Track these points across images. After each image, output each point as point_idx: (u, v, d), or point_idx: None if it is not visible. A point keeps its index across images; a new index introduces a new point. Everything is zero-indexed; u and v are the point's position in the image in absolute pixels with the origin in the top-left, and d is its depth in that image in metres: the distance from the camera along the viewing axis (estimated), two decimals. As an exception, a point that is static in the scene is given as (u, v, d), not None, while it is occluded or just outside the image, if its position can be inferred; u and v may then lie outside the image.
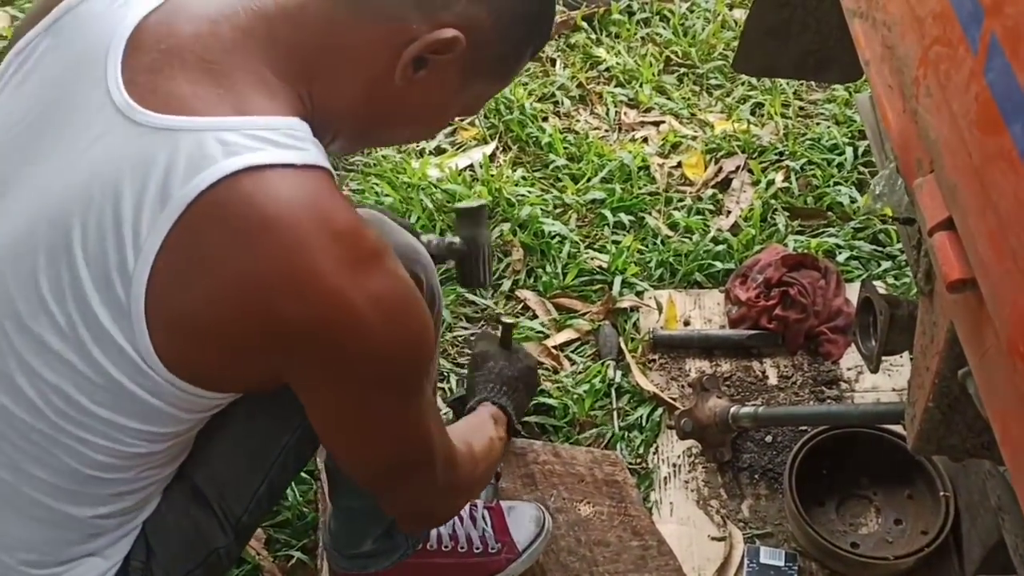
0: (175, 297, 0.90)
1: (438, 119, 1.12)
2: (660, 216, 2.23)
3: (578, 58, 2.64)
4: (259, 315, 0.90)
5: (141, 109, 0.91)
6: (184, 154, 0.89)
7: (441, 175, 2.26)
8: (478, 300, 2.03)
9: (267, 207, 0.88)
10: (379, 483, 1.13)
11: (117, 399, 0.96)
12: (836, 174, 2.32)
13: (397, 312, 0.95)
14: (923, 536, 1.62)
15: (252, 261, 0.88)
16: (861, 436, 1.72)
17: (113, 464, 1.01)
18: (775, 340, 1.95)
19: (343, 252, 0.90)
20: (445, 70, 1.01)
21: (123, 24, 0.96)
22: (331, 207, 0.91)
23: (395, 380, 0.99)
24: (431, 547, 1.50)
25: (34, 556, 1.06)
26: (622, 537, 1.67)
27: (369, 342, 0.93)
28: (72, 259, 0.92)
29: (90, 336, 0.93)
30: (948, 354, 0.94)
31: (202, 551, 1.16)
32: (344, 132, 1.03)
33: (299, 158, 0.91)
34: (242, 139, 0.89)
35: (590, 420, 1.86)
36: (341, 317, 0.91)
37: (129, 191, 0.90)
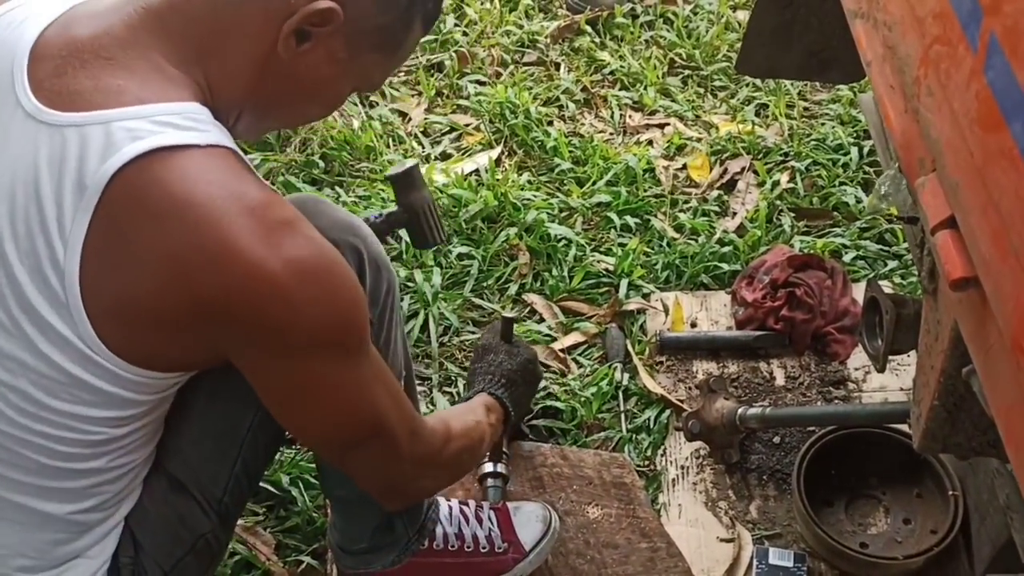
0: (106, 282, 0.94)
1: (332, 94, 1.13)
2: (666, 218, 2.24)
3: (582, 62, 2.65)
4: (182, 292, 0.93)
5: (48, 110, 0.96)
6: (93, 144, 0.93)
7: (447, 180, 2.27)
8: (485, 304, 2.04)
9: (177, 186, 0.92)
10: (338, 456, 1.15)
11: (72, 390, 0.99)
12: (841, 174, 2.32)
13: (317, 276, 0.97)
14: (932, 535, 1.62)
15: (168, 240, 0.92)
16: (869, 436, 1.72)
17: (81, 454, 1.04)
18: (782, 341, 1.95)
19: (255, 223, 0.93)
20: (329, 42, 1.04)
21: (23, 40, 1.01)
22: (238, 182, 0.95)
23: (329, 346, 1.01)
24: (437, 546, 1.50)
25: (26, 561, 1.08)
26: (631, 539, 1.67)
27: (293, 308, 0.95)
28: (5, 259, 0.96)
29: (36, 332, 0.96)
30: (952, 352, 0.94)
31: (188, 539, 1.18)
32: (245, 114, 1.07)
33: (202, 139, 0.95)
34: (146, 125, 0.94)
35: (598, 423, 1.86)
36: (259, 285, 0.94)
37: (48, 187, 0.94)
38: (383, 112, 2.47)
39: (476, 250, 2.12)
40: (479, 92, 2.53)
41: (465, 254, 2.11)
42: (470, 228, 2.17)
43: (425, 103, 2.53)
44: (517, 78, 2.58)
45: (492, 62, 2.64)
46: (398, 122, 2.46)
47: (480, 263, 2.10)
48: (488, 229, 2.18)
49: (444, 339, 1.98)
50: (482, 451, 1.40)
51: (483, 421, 1.41)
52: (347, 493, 1.41)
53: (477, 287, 2.07)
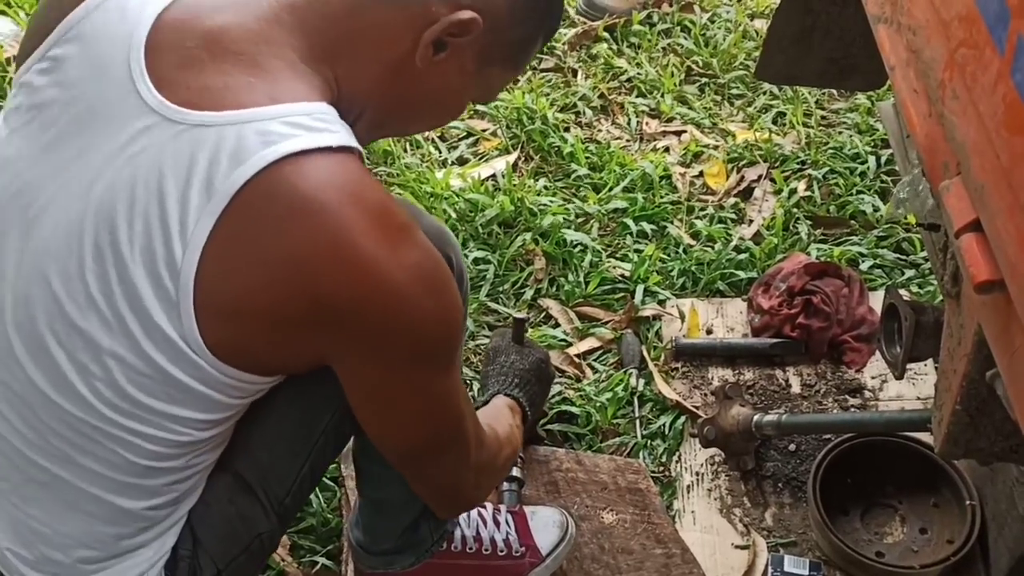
0: (223, 286, 0.93)
1: (455, 104, 1.14)
2: (682, 225, 2.23)
3: (599, 68, 2.65)
4: (302, 292, 0.93)
5: (175, 107, 0.94)
6: (225, 148, 0.91)
7: (464, 185, 2.27)
8: (501, 309, 2.04)
9: (307, 191, 0.91)
10: (413, 461, 1.15)
11: (168, 389, 0.98)
12: (859, 183, 2.31)
13: (432, 283, 0.98)
14: (949, 545, 1.61)
15: (295, 244, 0.91)
16: (886, 444, 1.71)
17: (165, 453, 1.03)
18: (798, 348, 1.95)
19: (378, 228, 0.93)
20: (463, 53, 1.04)
21: (139, 25, 0.98)
22: (364, 186, 0.95)
23: (430, 354, 1.02)
24: (455, 548, 1.50)
25: (89, 553, 1.08)
26: (645, 545, 1.67)
27: (409, 312, 0.96)
28: (120, 257, 0.94)
29: (140, 330, 0.95)
30: (976, 356, 0.94)
31: (246, 537, 1.18)
32: (366, 116, 1.06)
33: (333, 140, 0.94)
34: (278, 127, 0.92)
35: (613, 428, 1.86)
36: (381, 289, 0.94)
37: (173, 187, 0.92)
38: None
39: (492, 255, 2.12)
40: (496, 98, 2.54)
41: (481, 259, 2.12)
42: (486, 233, 2.17)
43: (442, 108, 2.54)
44: (534, 84, 2.58)
45: (509, 68, 2.64)
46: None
47: (496, 268, 2.10)
48: (504, 234, 2.18)
49: (460, 343, 1.98)
50: (517, 455, 1.40)
51: (514, 424, 1.42)
52: (386, 496, 1.40)
53: (493, 292, 2.07)
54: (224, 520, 1.15)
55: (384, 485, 1.38)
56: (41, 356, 0.99)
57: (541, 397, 1.67)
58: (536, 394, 1.61)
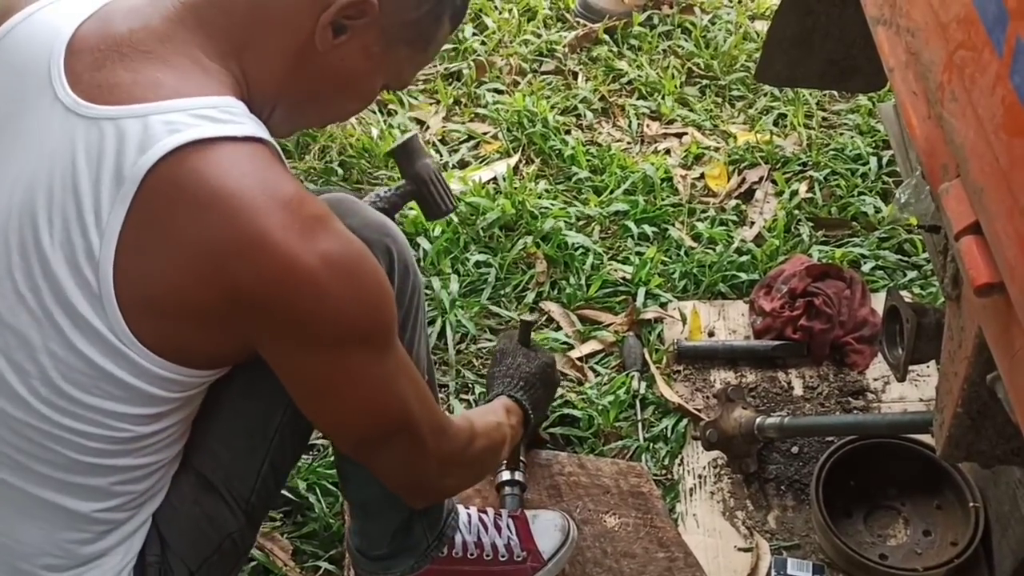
0: (140, 274, 0.95)
1: (365, 88, 1.14)
2: (683, 227, 2.23)
3: (600, 71, 2.65)
4: (217, 283, 0.95)
5: (87, 103, 0.97)
6: (131, 137, 0.94)
7: (464, 188, 2.27)
8: (503, 312, 2.04)
9: (213, 178, 0.93)
10: (362, 450, 1.15)
11: (101, 384, 1.00)
12: (860, 184, 2.31)
13: (349, 270, 0.98)
14: (952, 547, 1.60)
15: (204, 231, 0.93)
16: (889, 446, 1.71)
17: (108, 450, 1.04)
18: (800, 351, 1.94)
19: (289, 217, 0.95)
20: (364, 34, 1.06)
21: (61, 34, 1.02)
22: (273, 176, 0.97)
23: (357, 340, 1.02)
24: (456, 554, 1.50)
25: (52, 560, 1.09)
26: (648, 548, 1.67)
27: (325, 301, 0.97)
28: (42, 251, 0.96)
29: (68, 324, 0.97)
30: (977, 359, 0.94)
31: (215, 538, 1.18)
32: (279, 108, 1.08)
33: (239, 131, 0.96)
34: (184, 118, 0.95)
35: (615, 431, 1.86)
36: (294, 278, 0.95)
37: (86, 179, 0.95)
38: (402, 120, 2.48)
39: (493, 258, 2.12)
40: (497, 101, 2.54)
41: (482, 262, 2.12)
42: (487, 236, 2.17)
43: (443, 111, 2.54)
44: (535, 87, 2.58)
45: (510, 71, 2.64)
46: (416, 130, 2.46)
47: (497, 271, 2.10)
48: (505, 237, 2.18)
49: (461, 346, 1.98)
50: (504, 452, 1.40)
51: (504, 422, 1.42)
52: (367, 496, 1.41)
53: (494, 295, 2.07)
54: (191, 521, 1.16)
55: (364, 485, 1.39)
56: None
57: (545, 401, 1.67)
58: (540, 398, 1.61)
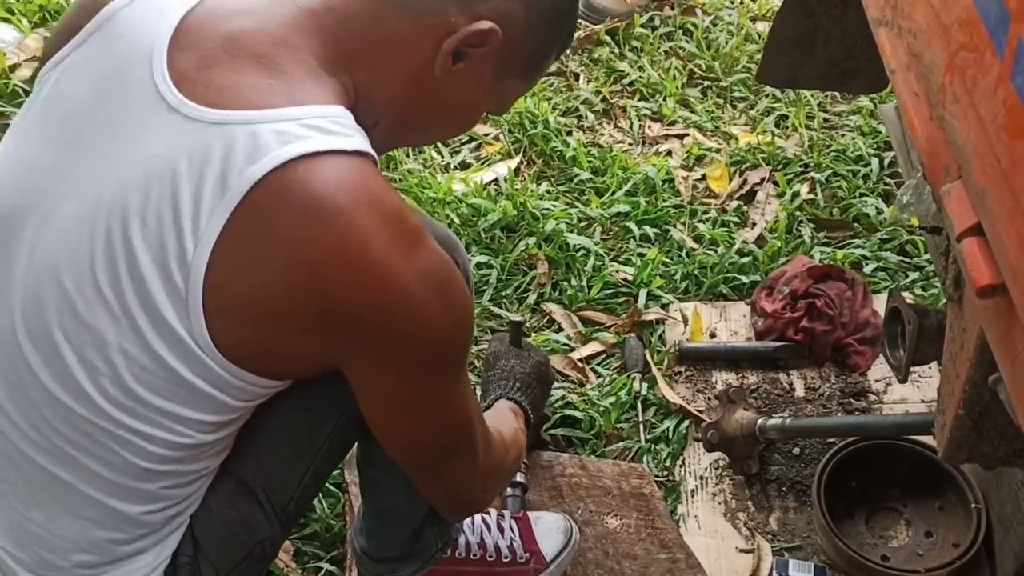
0: (233, 283, 0.93)
1: (471, 115, 1.14)
2: (685, 229, 2.23)
3: (602, 72, 2.65)
4: (314, 293, 0.93)
5: (194, 105, 0.94)
6: (240, 145, 0.92)
7: (466, 189, 2.27)
8: (504, 313, 2.04)
9: (321, 192, 0.91)
10: (423, 465, 1.14)
11: (173, 388, 0.98)
12: (862, 185, 2.31)
13: (444, 289, 0.97)
14: (954, 549, 1.60)
15: (308, 244, 0.91)
16: (890, 448, 1.71)
17: (166, 456, 1.03)
18: (802, 352, 1.94)
19: (392, 233, 0.93)
20: (481, 64, 1.05)
21: (163, 25, 0.99)
22: (378, 191, 0.95)
23: (442, 359, 1.02)
24: (460, 555, 1.50)
25: (87, 558, 1.07)
26: (650, 550, 1.67)
27: (420, 319, 0.96)
28: (131, 250, 0.94)
29: (149, 326, 0.95)
30: (978, 360, 0.94)
31: (248, 544, 1.17)
32: (382, 124, 1.06)
33: (348, 144, 0.94)
34: (294, 128, 0.92)
35: (616, 433, 1.86)
36: (394, 294, 0.94)
37: (187, 183, 0.92)
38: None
39: (495, 259, 2.12)
40: (498, 102, 2.54)
41: (484, 263, 2.12)
42: (489, 237, 2.17)
43: (445, 113, 2.54)
44: (536, 88, 2.58)
45: (511, 73, 2.64)
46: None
47: (499, 272, 2.10)
48: (507, 238, 2.18)
49: (463, 348, 1.98)
50: (521, 459, 1.40)
51: (519, 428, 1.42)
52: (389, 503, 1.40)
53: (496, 296, 2.07)
54: (226, 526, 1.15)
55: (388, 492, 1.37)
56: (49, 353, 0.98)
57: (542, 400, 1.67)
58: (537, 397, 1.61)
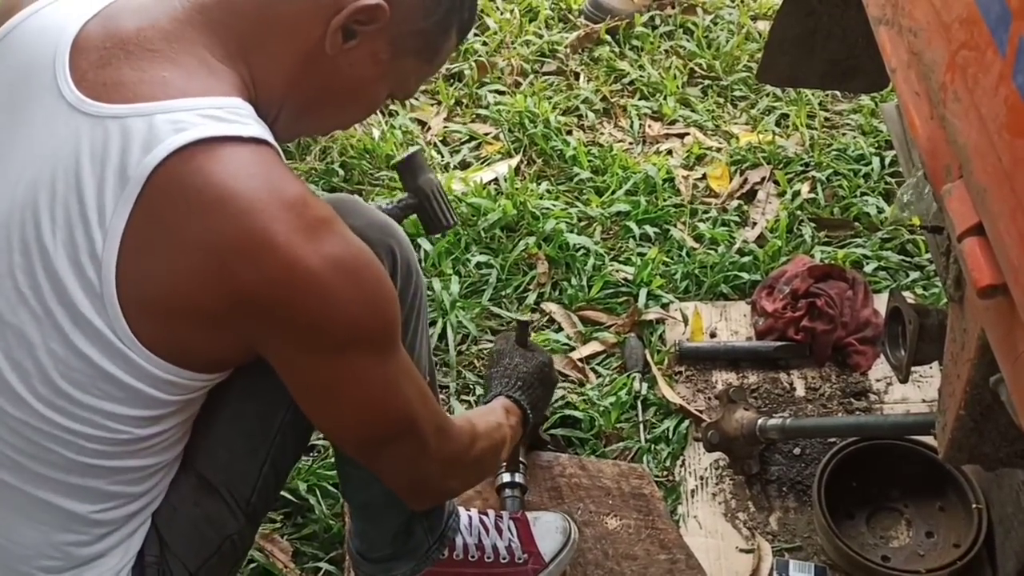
0: (143, 274, 0.94)
1: (372, 96, 1.14)
2: (685, 228, 2.23)
3: (602, 71, 2.65)
4: (220, 284, 0.94)
5: (92, 101, 0.96)
6: (137, 136, 0.93)
7: (466, 189, 2.27)
8: (503, 313, 2.04)
9: (219, 178, 0.93)
10: (366, 452, 1.15)
11: (100, 384, 0.99)
12: (863, 184, 2.30)
13: (354, 273, 0.98)
14: (955, 549, 1.60)
15: (209, 231, 0.93)
16: (891, 448, 1.70)
17: (107, 452, 1.04)
18: (802, 352, 1.94)
19: (294, 219, 0.94)
20: (374, 41, 1.06)
21: (66, 32, 1.01)
22: (279, 178, 0.96)
23: (362, 343, 1.02)
24: (457, 556, 1.49)
25: (49, 562, 1.08)
26: (649, 550, 1.66)
27: (329, 304, 0.96)
28: (44, 249, 0.96)
29: (69, 323, 0.96)
30: (979, 361, 0.93)
31: (215, 539, 1.18)
32: (284, 112, 1.07)
33: (245, 131, 0.96)
34: (189, 117, 0.94)
35: (616, 433, 1.85)
36: (298, 280, 0.94)
37: (90, 177, 0.94)
38: (403, 121, 2.47)
39: (494, 259, 2.12)
40: (498, 101, 2.53)
41: (483, 263, 2.11)
42: (488, 237, 2.16)
43: (445, 112, 2.54)
44: (536, 88, 2.58)
45: (512, 72, 2.64)
46: (418, 131, 2.46)
47: (498, 272, 2.10)
48: (507, 238, 2.17)
49: (462, 347, 1.98)
50: (504, 453, 1.39)
51: (504, 423, 1.41)
52: (368, 498, 1.40)
53: (495, 296, 2.07)
54: (191, 523, 1.16)
55: (364, 487, 1.38)
56: None
57: (544, 401, 1.66)
58: (539, 398, 1.60)
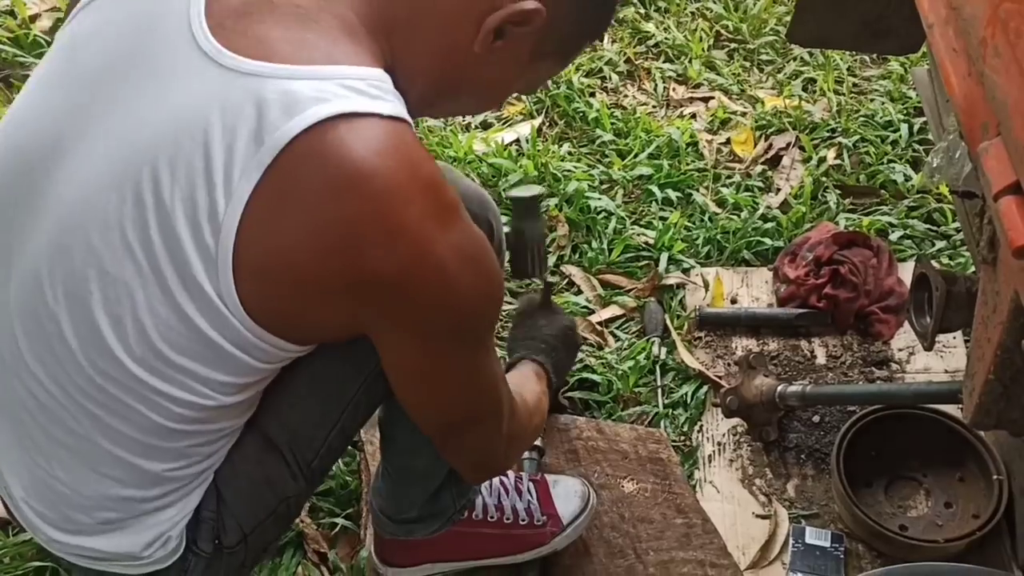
0: (264, 242, 0.90)
1: (502, 93, 1.13)
2: (708, 193, 2.20)
3: (626, 33, 2.61)
4: (347, 261, 0.90)
5: (230, 54, 0.90)
6: (276, 99, 0.88)
7: (487, 149, 2.25)
8: (523, 275, 2.02)
9: (360, 155, 0.88)
10: (448, 433, 1.14)
11: (197, 347, 0.96)
12: (890, 151, 2.27)
13: (475, 263, 0.96)
14: (974, 520, 1.58)
15: (343, 207, 0.88)
16: (911, 417, 1.68)
17: (190, 416, 1.01)
18: (824, 319, 1.92)
19: (428, 203, 0.91)
20: (520, 43, 1.03)
21: None
22: (418, 159, 0.92)
23: (470, 330, 1.01)
24: (476, 517, 1.49)
25: (111, 515, 1.07)
26: (666, 514, 1.66)
27: (451, 292, 0.95)
28: (161, 205, 0.91)
29: (178, 284, 0.92)
30: (1012, 324, 0.91)
31: (273, 500, 1.16)
32: (412, 94, 1.02)
33: (387, 109, 0.91)
34: (332, 87, 0.89)
35: (634, 397, 1.84)
36: (426, 267, 0.92)
37: (219, 136, 0.89)
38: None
39: (515, 220, 2.10)
40: (521, 62, 2.50)
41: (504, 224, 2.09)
42: (509, 198, 2.14)
43: (467, 72, 2.51)
44: (560, 49, 2.55)
45: (535, 32, 2.60)
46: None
47: (519, 233, 2.08)
48: (527, 200, 2.15)
49: (481, 309, 1.97)
50: (543, 423, 1.39)
51: (544, 392, 1.41)
52: (411, 464, 1.39)
53: (515, 258, 2.05)
54: (251, 482, 1.14)
55: (410, 454, 1.37)
56: (76, 308, 0.96)
57: (566, 364, 1.65)
58: (561, 360, 1.59)
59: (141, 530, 1.08)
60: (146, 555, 1.09)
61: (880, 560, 1.59)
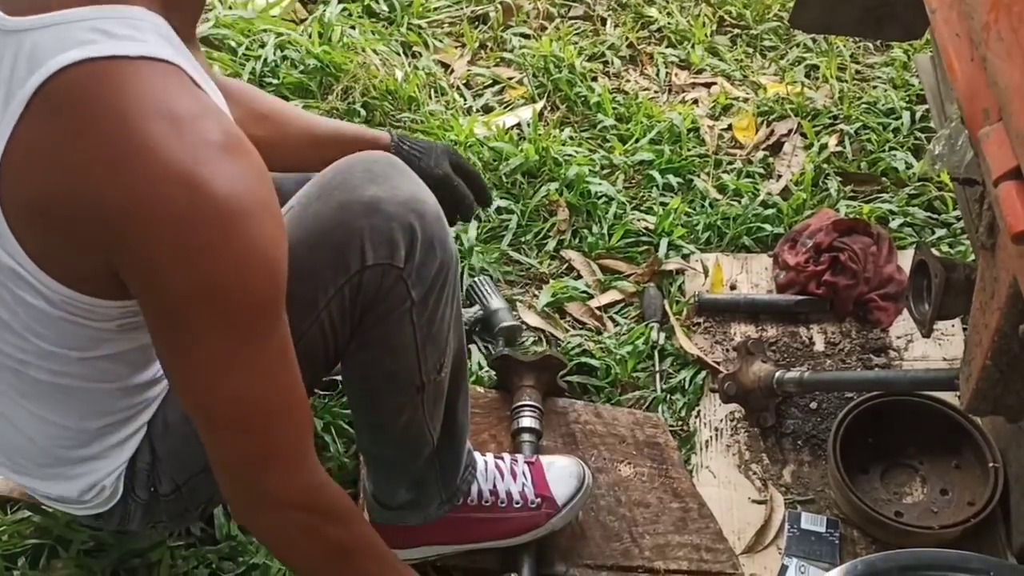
0: (23, 192, 0.93)
1: None
2: (709, 179, 2.20)
3: (629, 17, 2.60)
4: (88, 196, 0.90)
5: (6, 16, 0.94)
6: (23, 53, 0.91)
7: (488, 133, 2.24)
8: (523, 259, 2.02)
9: (98, 96, 0.89)
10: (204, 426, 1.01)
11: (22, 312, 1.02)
12: (892, 139, 2.27)
13: (229, 216, 0.87)
14: (970, 507, 1.59)
15: (80, 150, 0.89)
16: (908, 404, 1.69)
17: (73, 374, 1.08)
18: (823, 306, 1.92)
19: (176, 134, 0.87)
20: None
21: None
22: (167, 94, 0.91)
23: (222, 312, 0.91)
24: (471, 502, 1.49)
25: (45, 461, 1.16)
26: (662, 499, 1.66)
27: (182, 242, 0.87)
28: None
29: None
30: (1010, 310, 0.91)
31: (202, 456, 1.09)
32: None
33: (134, 49, 0.91)
34: (79, 32, 0.91)
35: (632, 382, 1.84)
36: (160, 198, 0.86)
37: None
38: (427, 63, 2.44)
39: (515, 204, 2.10)
40: (523, 45, 2.50)
41: (504, 208, 2.09)
42: (510, 182, 2.14)
43: (468, 55, 2.50)
44: (562, 32, 2.54)
45: (537, 15, 2.60)
46: (441, 73, 2.43)
47: (519, 218, 2.08)
48: (528, 184, 2.15)
49: (480, 292, 1.97)
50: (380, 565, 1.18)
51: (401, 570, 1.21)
52: (379, 451, 1.39)
53: (515, 242, 2.05)
54: (180, 437, 1.17)
55: (376, 440, 1.37)
56: None
57: None
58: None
59: (73, 478, 1.18)
60: (86, 499, 1.20)
61: (875, 546, 1.59)
